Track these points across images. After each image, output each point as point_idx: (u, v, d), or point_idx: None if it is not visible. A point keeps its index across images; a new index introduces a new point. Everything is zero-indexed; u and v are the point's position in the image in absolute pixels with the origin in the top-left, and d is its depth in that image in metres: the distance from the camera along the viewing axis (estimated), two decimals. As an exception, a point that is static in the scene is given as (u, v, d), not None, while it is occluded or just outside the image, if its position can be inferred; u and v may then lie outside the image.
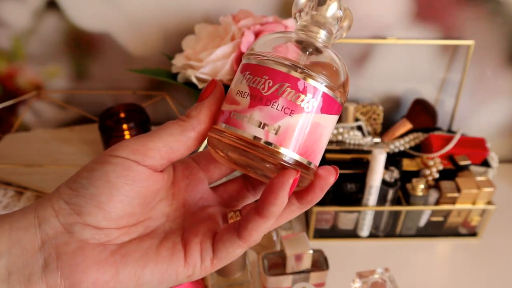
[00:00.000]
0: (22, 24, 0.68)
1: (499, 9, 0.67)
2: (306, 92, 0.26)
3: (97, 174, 0.24)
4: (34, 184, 0.64)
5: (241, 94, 0.27)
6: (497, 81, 0.74)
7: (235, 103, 0.27)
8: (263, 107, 0.26)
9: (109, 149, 0.26)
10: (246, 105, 0.27)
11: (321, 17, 0.29)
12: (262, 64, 0.27)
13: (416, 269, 0.64)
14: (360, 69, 0.73)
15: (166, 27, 0.69)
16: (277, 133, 0.26)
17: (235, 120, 0.27)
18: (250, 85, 0.27)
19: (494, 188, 0.63)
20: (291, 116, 0.26)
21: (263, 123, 0.26)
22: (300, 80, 0.26)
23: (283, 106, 0.26)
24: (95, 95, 0.76)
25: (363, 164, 0.65)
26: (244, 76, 0.28)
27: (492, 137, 0.78)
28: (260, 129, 0.26)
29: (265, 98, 0.26)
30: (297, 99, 0.26)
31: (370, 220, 0.66)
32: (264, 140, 0.26)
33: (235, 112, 0.27)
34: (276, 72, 0.27)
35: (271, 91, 0.26)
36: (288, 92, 0.26)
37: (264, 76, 0.27)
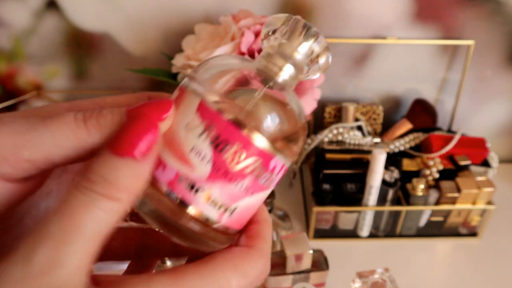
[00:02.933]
0: (22, 24, 0.68)
1: (499, 9, 0.67)
2: (274, 171, 0.22)
3: None
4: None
5: (199, 156, 0.20)
6: (497, 81, 0.74)
7: (187, 164, 0.20)
8: (225, 184, 0.21)
9: None
10: (204, 175, 0.20)
11: (290, 48, 0.23)
12: (234, 125, 0.21)
13: (416, 269, 0.64)
14: (360, 69, 0.73)
15: (166, 27, 0.69)
16: (232, 214, 0.22)
17: (183, 189, 0.21)
18: (214, 149, 0.20)
19: (494, 188, 0.63)
20: (251, 196, 0.22)
21: (221, 203, 0.21)
22: (274, 158, 0.22)
23: (247, 186, 0.21)
24: (95, 95, 0.76)
25: (363, 164, 0.65)
26: (206, 129, 0.20)
27: (492, 137, 0.78)
28: (215, 209, 0.21)
29: (231, 174, 0.21)
30: (264, 178, 0.22)
31: (370, 220, 0.66)
32: (216, 222, 0.21)
33: (185, 178, 0.21)
34: (250, 144, 0.21)
35: (240, 166, 0.21)
36: (258, 171, 0.21)
37: (236, 143, 0.21)
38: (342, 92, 0.76)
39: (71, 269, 0.18)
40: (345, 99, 0.76)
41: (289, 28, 0.23)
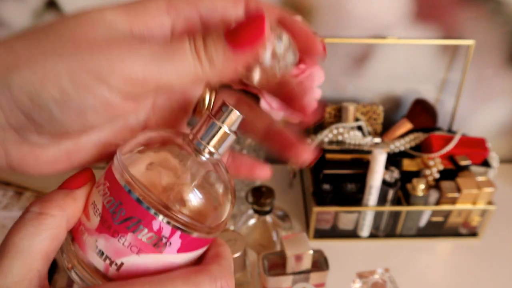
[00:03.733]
0: (22, 24, 0.68)
1: (500, 9, 0.67)
2: (161, 233, 0.22)
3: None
4: (33, 184, 0.64)
5: (94, 209, 0.23)
6: (498, 81, 0.74)
7: (87, 216, 0.23)
8: (109, 238, 0.22)
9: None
10: (94, 226, 0.23)
11: (217, 124, 0.24)
12: (120, 183, 0.23)
13: (416, 269, 0.64)
14: (360, 69, 0.73)
15: (166, 27, 0.69)
16: (119, 270, 0.23)
17: (81, 237, 0.23)
18: (104, 203, 0.23)
19: (495, 188, 0.63)
20: (138, 255, 0.22)
21: (106, 255, 0.23)
22: (156, 219, 0.22)
23: (130, 243, 0.22)
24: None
25: (363, 164, 0.65)
26: (104, 185, 0.23)
27: (492, 137, 0.78)
28: (101, 260, 0.23)
29: (113, 229, 0.22)
30: (149, 239, 0.22)
31: (370, 220, 0.66)
32: (103, 273, 0.23)
33: (83, 227, 0.23)
34: (130, 201, 0.22)
35: (120, 223, 0.22)
36: (139, 230, 0.22)
37: (118, 200, 0.22)
38: (342, 92, 0.75)
39: (15, 280, 0.21)
40: (345, 99, 0.76)
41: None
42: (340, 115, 0.72)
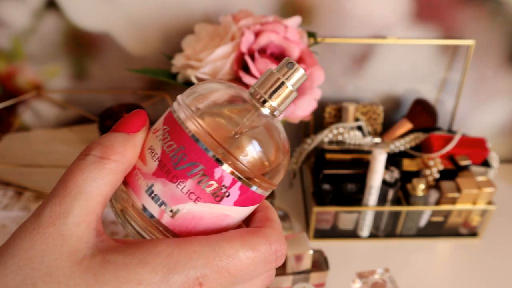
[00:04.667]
0: (22, 24, 0.68)
1: (499, 9, 0.67)
2: (221, 182, 0.22)
3: None
4: (33, 184, 0.64)
5: (152, 153, 0.23)
6: (498, 81, 0.74)
7: (143, 161, 0.23)
8: (167, 183, 0.22)
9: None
10: (151, 170, 0.22)
11: (281, 78, 0.24)
12: (183, 128, 0.22)
13: (416, 269, 0.64)
14: (360, 69, 0.73)
15: (166, 27, 0.69)
16: (173, 216, 0.22)
17: (135, 181, 0.23)
18: (163, 148, 0.22)
19: (495, 188, 0.63)
20: (195, 203, 0.22)
21: (162, 200, 0.22)
22: (218, 167, 0.22)
23: (189, 190, 0.22)
24: (95, 95, 0.76)
25: (363, 164, 0.65)
26: (164, 130, 0.23)
27: (492, 137, 0.78)
28: (156, 205, 0.22)
29: (173, 174, 0.22)
30: (209, 187, 0.22)
31: (370, 220, 0.66)
32: (157, 219, 0.22)
33: (138, 172, 0.23)
34: (194, 147, 0.22)
35: (181, 168, 0.22)
36: (200, 176, 0.22)
37: (180, 145, 0.22)
38: (342, 92, 0.75)
39: (76, 220, 0.21)
40: (345, 99, 0.76)
41: (283, 64, 0.25)
42: (340, 115, 0.72)
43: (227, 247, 0.21)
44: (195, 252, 0.21)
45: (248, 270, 0.22)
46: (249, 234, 0.22)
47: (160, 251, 0.20)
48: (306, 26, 0.68)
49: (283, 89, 0.24)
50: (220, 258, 0.21)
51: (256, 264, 0.22)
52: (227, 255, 0.21)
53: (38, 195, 0.64)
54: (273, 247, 0.23)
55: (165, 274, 0.20)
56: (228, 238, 0.22)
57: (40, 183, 0.64)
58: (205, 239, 0.21)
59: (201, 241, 0.21)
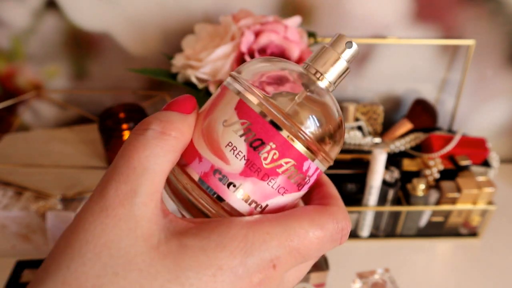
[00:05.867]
0: (22, 24, 0.68)
1: (500, 9, 0.67)
2: (307, 173, 0.22)
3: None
4: (33, 184, 0.64)
5: (234, 151, 0.21)
6: (498, 81, 0.74)
7: (223, 159, 0.21)
8: (257, 181, 0.21)
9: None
10: (237, 170, 0.21)
11: (335, 54, 0.24)
12: (272, 126, 0.21)
13: (416, 269, 0.64)
14: (360, 69, 0.73)
15: (166, 27, 0.69)
16: (262, 211, 0.22)
17: (216, 182, 0.21)
18: (249, 147, 0.21)
19: (495, 188, 0.63)
20: (282, 196, 0.22)
21: (252, 199, 0.22)
22: (308, 160, 0.22)
23: (279, 185, 0.22)
24: (94, 95, 0.76)
25: (363, 164, 0.65)
26: (243, 126, 0.21)
27: (492, 137, 0.78)
28: (246, 204, 0.22)
29: (264, 172, 0.21)
30: (297, 179, 0.22)
31: (370, 220, 0.66)
32: (247, 216, 0.22)
33: (219, 172, 0.21)
34: (286, 145, 0.21)
35: (273, 165, 0.21)
36: (290, 172, 0.22)
37: (270, 143, 0.21)
38: (342, 92, 0.75)
39: (144, 200, 0.19)
40: (345, 99, 0.76)
41: (333, 39, 0.24)
42: (340, 115, 0.71)
43: (297, 227, 0.21)
44: (268, 234, 0.20)
45: (316, 249, 0.22)
46: (317, 213, 0.22)
47: (235, 234, 0.20)
48: (306, 26, 0.68)
49: (339, 65, 0.24)
50: (291, 238, 0.21)
51: (324, 243, 0.22)
52: (298, 235, 0.21)
53: (38, 195, 0.64)
54: (340, 225, 0.22)
55: (242, 257, 0.19)
56: (297, 217, 0.21)
57: (40, 183, 0.64)
58: (275, 219, 0.21)
59: (272, 222, 0.21)
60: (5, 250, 0.62)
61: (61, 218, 0.58)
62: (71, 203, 0.60)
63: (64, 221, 0.58)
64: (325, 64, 0.24)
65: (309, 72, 0.24)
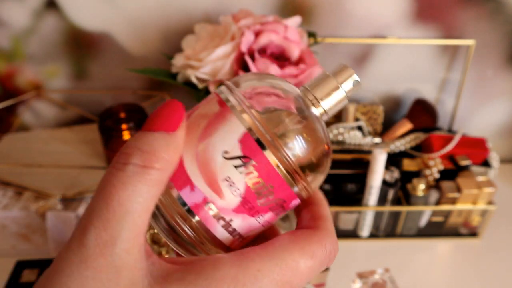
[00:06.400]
0: (22, 23, 0.68)
1: (500, 9, 0.67)
2: (290, 208, 0.23)
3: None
4: (33, 184, 0.64)
5: (231, 187, 0.20)
6: (498, 81, 0.74)
7: (218, 193, 0.20)
8: (247, 217, 0.21)
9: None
10: (231, 206, 0.21)
11: (335, 83, 0.24)
12: (275, 168, 0.21)
13: (416, 269, 0.64)
14: (360, 69, 0.73)
15: (166, 27, 0.69)
16: (243, 241, 0.23)
17: (207, 215, 0.21)
18: (248, 185, 0.20)
19: (495, 188, 0.63)
20: (263, 226, 0.23)
21: (238, 232, 0.22)
22: (296, 199, 0.22)
23: (265, 220, 0.22)
24: (94, 95, 0.76)
25: (364, 164, 0.65)
26: (246, 163, 0.20)
27: (492, 137, 0.78)
28: (230, 237, 0.22)
29: (256, 209, 0.21)
30: (281, 214, 0.23)
31: (370, 220, 0.66)
32: (227, 246, 0.22)
33: (212, 205, 0.21)
34: (283, 186, 0.21)
35: (265, 205, 0.21)
36: (280, 210, 0.22)
37: (269, 184, 0.21)
38: (342, 92, 0.75)
39: (126, 246, 0.18)
40: (345, 99, 0.75)
41: (336, 68, 0.24)
42: (340, 115, 0.71)
43: (288, 259, 0.20)
44: (259, 271, 0.19)
45: (307, 277, 0.21)
46: (306, 241, 0.21)
47: (223, 276, 0.19)
48: (306, 26, 0.68)
49: (337, 95, 0.23)
50: (283, 273, 0.20)
51: (314, 271, 0.22)
52: (290, 268, 0.20)
53: (38, 195, 0.64)
54: (328, 249, 0.22)
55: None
56: (287, 248, 0.21)
57: (40, 183, 0.64)
58: (264, 253, 0.20)
59: (262, 256, 0.20)
60: (5, 250, 0.62)
61: (61, 218, 0.58)
62: (71, 203, 0.60)
63: (64, 221, 0.58)
64: (323, 92, 0.23)
65: (305, 95, 0.23)
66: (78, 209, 0.59)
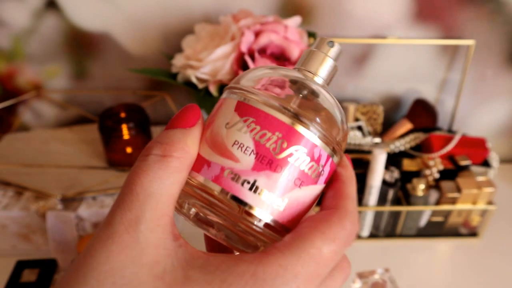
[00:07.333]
0: (22, 23, 0.68)
1: (500, 9, 0.67)
2: (319, 161, 0.22)
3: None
4: (33, 184, 0.64)
5: (242, 148, 0.21)
6: (498, 81, 0.74)
7: (232, 158, 0.21)
8: (271, 174, 0.21)
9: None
10: (249, 166, 0.21)
11: (321, 55, 0.25)
12: (274, 115, 0.21)
13: (416, 269, 0.64)
14: (360, 69, 0.73)
15: (166, 27, 0.69)
16: (282, 207, 0.22)
17: (229, 182, 0.21)
18: (256, 140, 0.21)
19: (495, 188, 0.63)
20: (300, 189, 0.22)
21: (270, 194, 0.21)
22: (317, 147, 0.22)
23: (294, 176, 0.21)
24: (95, 95, 0.76)
25: (363, 164, 0.65)
26: (246, 123, 0.22)
27: (492, 137, 0.78)
28: (265, 201, 0.21)
29: (276, 163, 0.21)
30: (310, 168, 0.22)
31: (370, 220, 0.66)
32: (269, 217, 0.21)
33: (230, 171, 0.21)
34: (291, 131, 0.21)
35: (284, 155, 0.21)
36: (303, 160, 0.21)
37: (277, 132, 0.21)
38: (342, 92, 0.75)
39: (150, 226, 0.19)
40: (345, 99, 0.76)
41: (316, 41, 0.26)
42: (340, 115, 0.71)
43: (311, 248, 0.20)
44: (281, 266, 0.19)
45: (332, 262, 0.21)
46: (326, 224, 0.21)
47: (242, 271, 0.19)
48: (306, 26, 0.68)
49: (328, 64, 0.25)
50: (308, 265, 0.20)
51: (337, 254, 0.21)
52: (313, 258, 0.20)
53: (38, 195, 0.64)
54: (348, 229, 0.21)
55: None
56: (307, 237, 0.20)
57: (40, 183, 0.64)
58: (285, 247, 0.20)
59: (284, 252, 0.20)
60: (5, 250, 0.62)
61: (61, 218, 0.58)
62: (71, 203, 0.60)
63: (64, 221, 0.58)
64: (315, 65, 0.25)
65: (303, 73, 0.25)
66: (78, 209, 0.59)
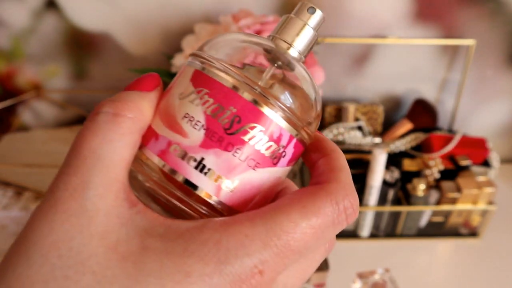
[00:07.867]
0: (22, 23, 0.68)
1: (500, 9, 0.67)
2: (280, 142, 0.20)
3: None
4: (33, 184, 0.64)
5: (192, 122, 0.19)
6: (498, 81, 0.74)
7: (180, 132, 0.19)
8: (221, 152, 0.19)
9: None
10: (197, 142, 0.19)
11: (300, 23, 0.22)
12: (231, 88, 0.19)
13: (416, 269, 0.64)
14: (360, 69, 0.73)
15: (166, 27, 0.69)
16: (232, 190, 0.19)
17: (175, 158, 0.19)
18: (207, 114, 0.19)
19: (495, 188, 0.63)
20: (254, 171, 0.20)
21: (217, 174, 0.19)
22: (278, 126, 0.19)
23: (247, 156, 0.19)
24: (94, 95, 0.76)
25: (364, 164, 0.64)
26: (199, 94, 0.19)
27: (493, 137, 0.78)
28: (212, 182, 0.19)
29: (227, 141, 0.19)
30: (268, 149, 0.19)
31: (370, 220, 0.66)
32: (214, 199, 0.19)
33: (177, 146, 0.19)
34: (249, 107, 0.19)
35: (235, 133, 0.19)
36: (259, 139, 0.19)
37: (230, 107, 0.19)
38: (342, 92, 0.75)
39: (100, 192, 0.17)
40: (345, 99, 0.76)
41: (296, 8, 0.23)
42: (340, 115, 0.71)
43: (284, 221, 0.18)
44: (247, 237, 0.17)
45: (314, 239, 0.18)
46: (309, 197, 0.18)
47: (206, 239, 0.17)
48: (306, 26, 0.68)
49: (306, 33, 0.22)
50: (278, 236, 0.17)
51: (322, 231, 0.18)
52: (285, 231, 0.17)
53: (38, 195, 0.63)
54: (341, 205, 0.19)
55: (216, 264, 0.17)
56: (283, 208, 0.18)
57: (40, 183, 0.64)
58: (257, 216, 0.18)
59: (252, 220, 0.18)
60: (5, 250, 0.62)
61: (61, 218, 0.58)
62: (71, 203, 0.60)
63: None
64: (292, 34, 0.22)
65: (277, 43, 0.22)
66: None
